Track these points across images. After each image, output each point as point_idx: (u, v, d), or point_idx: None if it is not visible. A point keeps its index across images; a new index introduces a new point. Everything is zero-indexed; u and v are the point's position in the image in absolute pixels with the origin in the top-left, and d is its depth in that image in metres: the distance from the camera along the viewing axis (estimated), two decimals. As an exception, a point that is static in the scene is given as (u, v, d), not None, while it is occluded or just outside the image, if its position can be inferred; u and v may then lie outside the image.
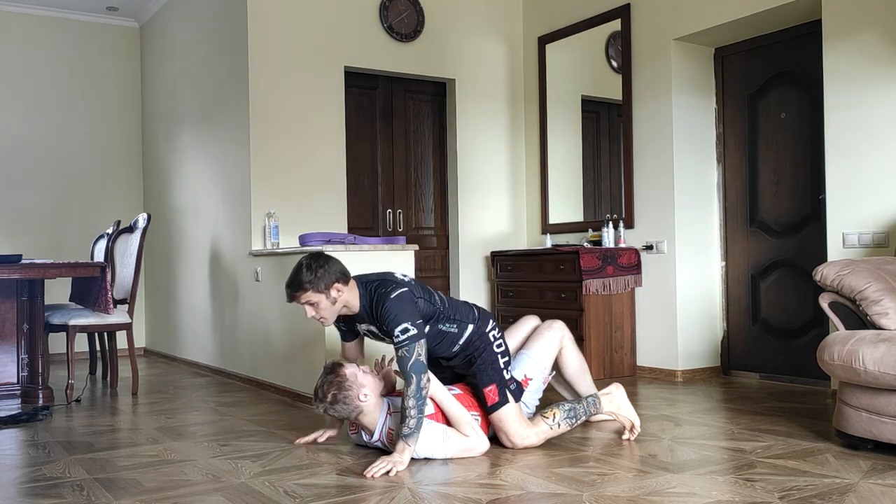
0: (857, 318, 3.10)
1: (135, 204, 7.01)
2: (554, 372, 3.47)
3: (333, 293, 2.97)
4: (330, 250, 4.12)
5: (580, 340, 4.87)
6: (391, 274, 3.14)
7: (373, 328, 3.12)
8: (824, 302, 3.18)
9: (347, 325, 3.25)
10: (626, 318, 5.07)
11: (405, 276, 3.17)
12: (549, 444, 3.17)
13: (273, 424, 3.72)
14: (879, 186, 3.96)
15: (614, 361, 4.98)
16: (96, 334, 5.49)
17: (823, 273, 3.18)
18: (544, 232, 5.78)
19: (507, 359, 3.22)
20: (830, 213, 4.16)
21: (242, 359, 5.11)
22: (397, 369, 3.06)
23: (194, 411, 4.12)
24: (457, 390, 3.18)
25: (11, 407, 4.29)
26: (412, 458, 2.90)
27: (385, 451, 3.03)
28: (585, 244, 5.18)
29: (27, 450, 3.30)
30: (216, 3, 5.50)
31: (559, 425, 3.17)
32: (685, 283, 4.92)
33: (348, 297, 3.03)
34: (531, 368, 3.30)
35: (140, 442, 3.40)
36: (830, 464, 2.80)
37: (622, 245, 5.10)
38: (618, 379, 4.89)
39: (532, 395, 3.30)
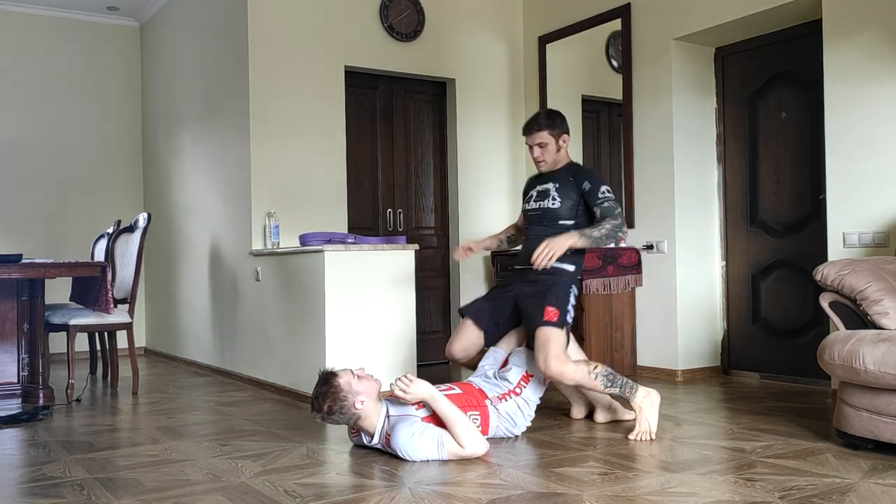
0: (858, 317, 3.10)
1: (135, 203, 7.01)
2: None
3: (562, 143, 3.44)
4: (330, 250, 4.12)
5: (580, 340, 4.86)
6: None
7: (549, 186, 3.44)
8: (825, 302, 3.18)
9: (533, 184, 3.58)
10: (627, 317, 5.06)
11: None
12: (550, 444, 3.17)
13: (273, 424, 3.72)
14: (880, 186, 3.95)
15: (614, 361, 4.98)
16: (97, 334, 5.50)
17: (824, 273, 3.18)
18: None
19: (574, 303, 3.37)
20: (831, 213, 4.16)
21: (243, 358, 5.11)
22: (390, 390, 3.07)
23: (194, 411, 4.12)
24: (456, 389, 3.17)
25: (12, 406, 4.29)
26: (412, 459, 2.91)
27: (385, 452, 3.04)
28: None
29: (27, 449, 3.30)
30: (216, 3, 5.50)
31: (596, 377, 3.22)
32: (685, 283, 4.92)
33: (563, 155, 3.47)
34: (530, 365, 3.31)
35: (140, 441, 3.40)
36: (831, 463, 2.80)
37: (622, 245, 5.10)
38: (618, 379, 4.89)
39: (533, 392, 3.30)
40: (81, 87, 6.84)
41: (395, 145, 5.72)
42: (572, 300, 3.35)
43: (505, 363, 3.44)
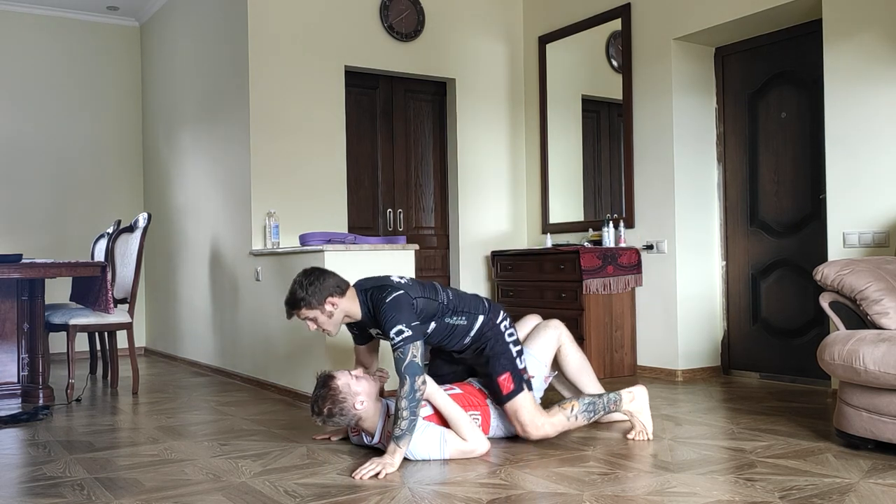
0: (858, 317, 3.10)
1: (135, 203, 7.01)
2: (556, 372, 3.47)
3: (328, 307, 3.03)
4: (331, 250, 4.12)
5: (580, 340, 4.86)
6: (387, 278, 3.16)
7: (379, 331, 3.13)
8: (825, 302, 3.18)
9: (359, 328, 3.27)
10: (627, 317, 5.06)
11: (402, 277, 3.18)
12: (550, 444, 3.17)
13: (273, 424, 3.72)
14: (880, 186, 3.95)
15: (614, 361, 4.98)
16: (97, 334, 5.49)
17: (824, 273, 3.18)
18: (544, 231, 5.78)
19: (519, 348, 3.23)
20: (831, 213, 4.16)
21: (243, 358, 5.11)
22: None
23: (194, 411, 4.12)
24: (457, 389, 3.18)
25: (12, 406, 4.29)
26: (411, 460, 2.91)
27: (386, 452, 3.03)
28: (586, 244, 5.18)
29: (27, 449, 3.30)
30: (217, 3, 5.50)
31: (577, 417, 3.16)
32: (685, 283, 4.92)
33: (347, 307, 3.08)
34: (531, 366, 3.31)
35: (140, 441, 3.40)
36: (831, 463, 2.80)
37: (622, 245, 5.10)
38: (618, 379, 4.89)
39: (533, 394, 3.30)
40: (81, 87, 6.84)
41: (395, 145, 5.72)
42: (514, 351, 3.18)
43: None
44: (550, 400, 3.35)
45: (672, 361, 4.90)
